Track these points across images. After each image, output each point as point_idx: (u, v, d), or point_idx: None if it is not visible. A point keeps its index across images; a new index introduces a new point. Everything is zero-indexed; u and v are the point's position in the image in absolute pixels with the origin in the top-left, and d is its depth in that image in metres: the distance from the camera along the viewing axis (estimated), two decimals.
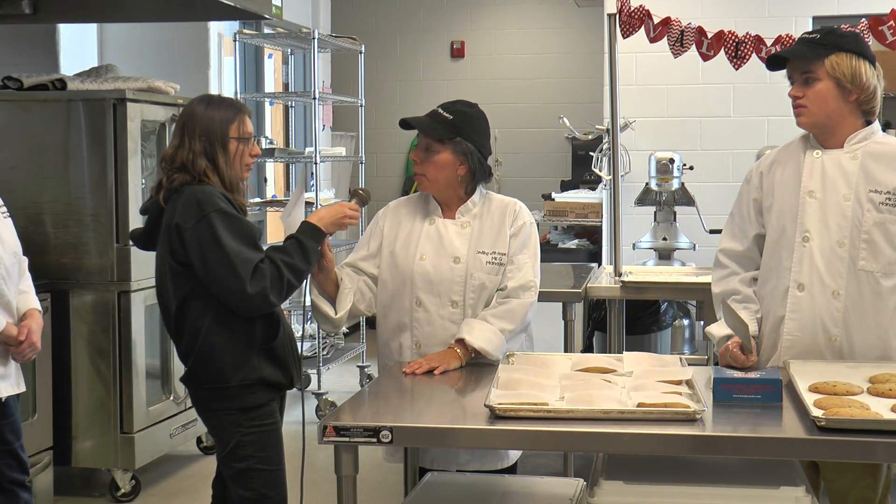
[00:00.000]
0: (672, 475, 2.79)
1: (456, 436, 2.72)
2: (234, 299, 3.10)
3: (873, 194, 3.13)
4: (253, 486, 3.18)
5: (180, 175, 3.18)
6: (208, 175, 3.19)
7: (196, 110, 3.25)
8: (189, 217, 3.10)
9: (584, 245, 7.86)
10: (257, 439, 3.18)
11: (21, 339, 3.42)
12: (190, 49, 6.78)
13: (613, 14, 4.83)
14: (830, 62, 3.14)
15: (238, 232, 3.11)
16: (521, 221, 3.43)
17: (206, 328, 3.15)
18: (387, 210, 3.56)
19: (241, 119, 3.27)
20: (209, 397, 3.21)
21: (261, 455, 3.18)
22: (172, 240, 3.14)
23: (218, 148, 3.21)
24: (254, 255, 3.11)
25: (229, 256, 3.06)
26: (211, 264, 3.08)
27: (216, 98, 3.40)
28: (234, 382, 3.16)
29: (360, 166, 7.34)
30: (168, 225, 3.16)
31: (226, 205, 3.14)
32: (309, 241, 3.21)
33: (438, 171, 3.38)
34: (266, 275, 3.08)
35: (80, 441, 4.95)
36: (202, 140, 3.20)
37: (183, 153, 3.19)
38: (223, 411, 3.19)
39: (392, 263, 3.44)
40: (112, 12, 5.95)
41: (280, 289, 3.12)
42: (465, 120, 3.39)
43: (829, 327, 3.15)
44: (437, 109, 3.40)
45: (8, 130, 4.97)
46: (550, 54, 9.75)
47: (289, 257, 3.15)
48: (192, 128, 3.22)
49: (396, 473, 4.70)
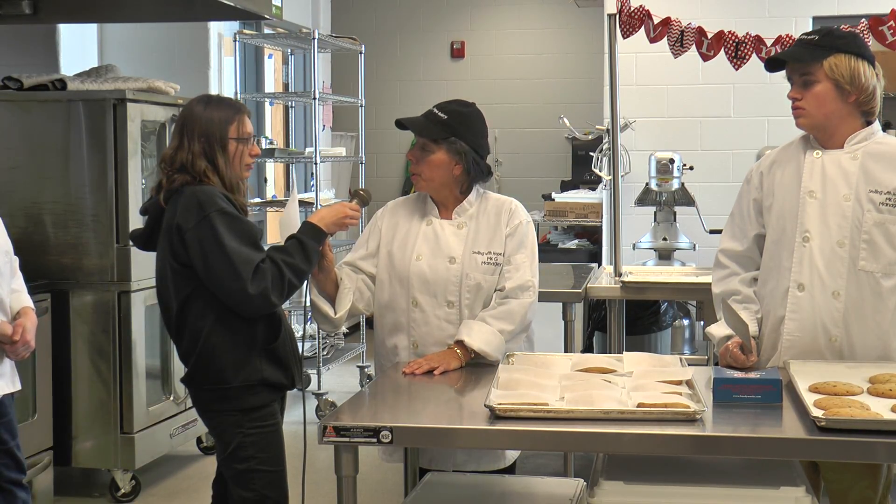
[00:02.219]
0: (672, 475, 2.79)
1: (456, 436, 2.72)
2: (235, 299, 3.10)
3: (873, 194, 3.13)
4: (254, 486, 3.18)
5: (180, 175, 3.18)
6: (208, 175, 3.19)
7: (195, 111, 3.25)
8: (190, 217, 3.10)
9: (584, 245, 7.86)
10: (259, 440, 3.18)
11: (15, 338, 3.42)
12: (190, 49, 6.78)
13: (613, 14, 4.83)
14: (829, 64, 3.14)
15: (239, 232, 3.11)
16: (516, 220, 3.43)
17: (207, 329, 3.15)
18: (385, 210, 3.57)
19: (240, 119, 3.27)
20: (210, 398, 3.21)
21: (262, 456, 3.18)
22: (173, 240, 3.14)
23: (217, 148, 3.21)
24: (255, 255, 3.10)
25: (230, 257, 3.06)
26: (212, 264, 3.08)
27: (215, 98, 3.40)
28: (235, 383, 3.16)
29: (360, 166, 7.34)
30: (169, 225, 3.15)
31: (226, 205, 3.14)
32: (310, 241, 3.21)
33: (433, 171, 3.38)
34: (267, 275, 3.08)
35: (80, 441, 4.95)
36: (201, 141, 3.20)
37: (182, 154, 3.19)
38: (224, 412, 3.19)
39: (389, 263, 3.44)
40: (112, 12, 5.95)
41: (281, 289, 3.12)
42: (459, 119, 3.40)
43: (829, 327, 3.15)
44: (433, 109, 3.42)
45: (8, 130, 4.97)
46: (550, 54, 9.75)
47: (290, 257, 3.14)
48: (191, 128, 3.21)
49: (396, 473, 4.70)
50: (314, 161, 6.67)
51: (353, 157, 7.76)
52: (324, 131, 8.33)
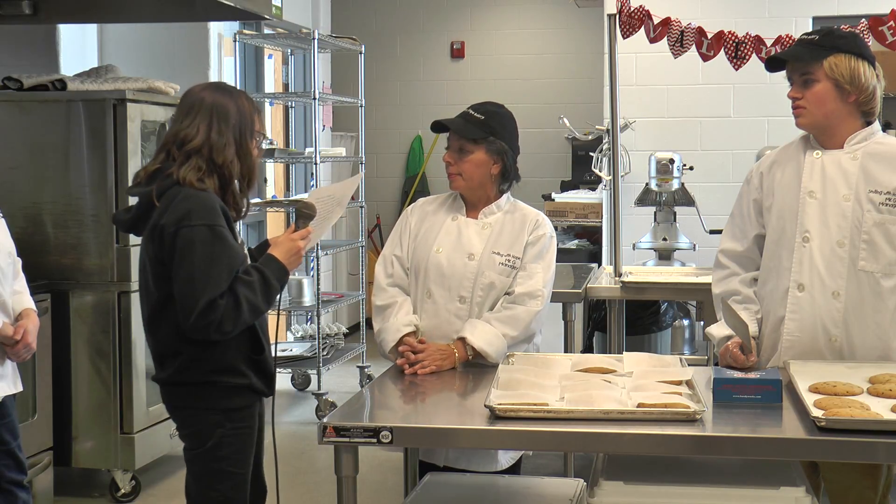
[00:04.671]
0: (672, 475, 2.79)
1: (456, 436, 2.73)
2: (180, 315, 2.99)
3: (873, 195, 3.13)
4: (221, 487, 3.10)
5: (186, 168, 3.05)
6: (229, 170, 3.09)
7: (222, 100, 3.12)
8: (173, 221, 2.99)
9: (585, 245, 7.86)
10: (235, 441, 3.10)
11: (17, 339, 3.41)
12: (190, 49, 6.77)
13: (613, 14, 4.83)
14: (829, 63, 3.14)
15: (216, 255, 2.98)
16: (541, 231, 3.48)
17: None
18: (414, 207, 3.64)
19: (260, 113, 3.23)
20: (194, 395, 3.11)
21: (236, 457, 3.09)
22: (154, 239, 3.04)
23: (248, 141, 3.14)
24: (219, 285, 2.96)
25: (193, 277, 2.95)
26: (177, 274, 2.98)
27: (226, 85, 3.27)
28: (224, 383, 3.09)
29: (360, 167, 7.35)
30: (156, 223, 3.04)
31: (220, 221, 3.01)
32: (276, 283, 3.10)
33: (474, 170, 3.44)
34: (219, 311, 2.95)
35: (80, 441, 4.95)
36: (234, 129, 3.10)
37: (215, 139, 3.07)
38: (208, 410, 3.10)
39: (412, 253, 3.51)
40: (112, 12, 5.94)
41: (234, 324, 3.00)
42: (496, 119, 3.47)
43: (829, 328, 3.15)
44: (468, 110, 3.48)
45: (8, 131, 4.98)
46: (550, 54, 9.75)
47: (253, 295, 3.02)
48: (223, 117, 3.09)
49: (396, 473, 4.70)
50: (314, 161, 6.67)
51: (353, 157, 7.76)
52: (324, 131, 8.33)
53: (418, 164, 9.78)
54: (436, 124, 3.50)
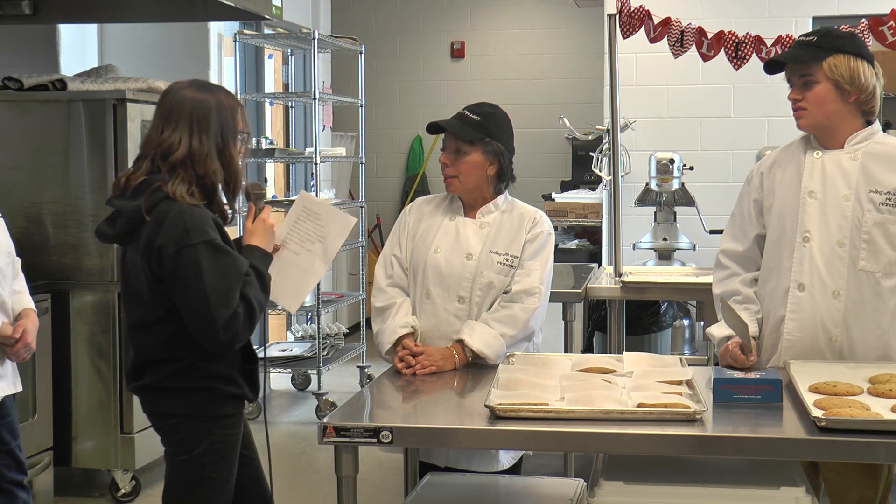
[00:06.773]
0: (672, 475, 2.79)
1: (456, 436, 2.73)
2: (203, 338, 2.94)
3: (873, 194, 3.14)
4: (205, 496, 3.05)
5: (174, 182, 2.94)
6: (212, 179, 2.98)
7: (203, 103, 2.99)
8: (171, 242, 2.89)
9: (585, 245, 7.86)
10: (221, 448, 3.03)
11: (16, 339, 3.41)
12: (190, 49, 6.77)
13: (613, 14, 4.83)
14: (828, 64, 3.14)
15: (223, 268, 2.91)
16: (539, 229, 3.47)
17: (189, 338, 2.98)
18: (412, 206, 3.64)
19: (242, 108, 3.10)
20: (185, 402, 3.04)
21: (220, 464, 3.04)
22: (151, 259, 2.93)
23: (231, 144, 3.01)
24: (233, 297, 2.91)
25: (208, 297, 2.87)
26: (188, 298, 2.90)
27: (205, 83, 3.14)
28: (216, 390, 3.02)
29: (360, 167, 7.35)
30: (149, 242, 2.93)
31: (215, 233, 2.94)
32: (265, 271, 3.07)
33: (470, 172, 3.43)
34: (239, 320, 2.92)
35: (80, 441, 4.95)
36: (215, 136, 2.98)
37: (196, 148, 2.95)
38: (198, 418, 3.04)
39: (410, 253, 3.51)
40: (112, 12, 5.95)
41: (250, 328, 2.98)
42: (492, 120, 3.46)
43: (830, 327, 3.15)
44: (464, 111, 3.47)
45: (8, 131, 4.97)
46: (550, 54, 9.75)
47: (258, 293, 2.99)
48: (203, 119, 2.97)
49: (396, 473, 4.70)
50: (314, 161, 6.67)
51: (353, 157, 7.76)
52: (324, 131, 8.32)
53: (418, 164, 9.78)
54: (432, 126, 3.49)
